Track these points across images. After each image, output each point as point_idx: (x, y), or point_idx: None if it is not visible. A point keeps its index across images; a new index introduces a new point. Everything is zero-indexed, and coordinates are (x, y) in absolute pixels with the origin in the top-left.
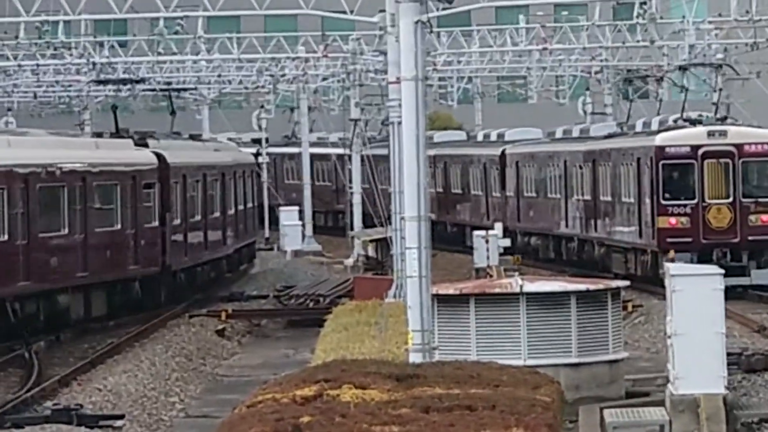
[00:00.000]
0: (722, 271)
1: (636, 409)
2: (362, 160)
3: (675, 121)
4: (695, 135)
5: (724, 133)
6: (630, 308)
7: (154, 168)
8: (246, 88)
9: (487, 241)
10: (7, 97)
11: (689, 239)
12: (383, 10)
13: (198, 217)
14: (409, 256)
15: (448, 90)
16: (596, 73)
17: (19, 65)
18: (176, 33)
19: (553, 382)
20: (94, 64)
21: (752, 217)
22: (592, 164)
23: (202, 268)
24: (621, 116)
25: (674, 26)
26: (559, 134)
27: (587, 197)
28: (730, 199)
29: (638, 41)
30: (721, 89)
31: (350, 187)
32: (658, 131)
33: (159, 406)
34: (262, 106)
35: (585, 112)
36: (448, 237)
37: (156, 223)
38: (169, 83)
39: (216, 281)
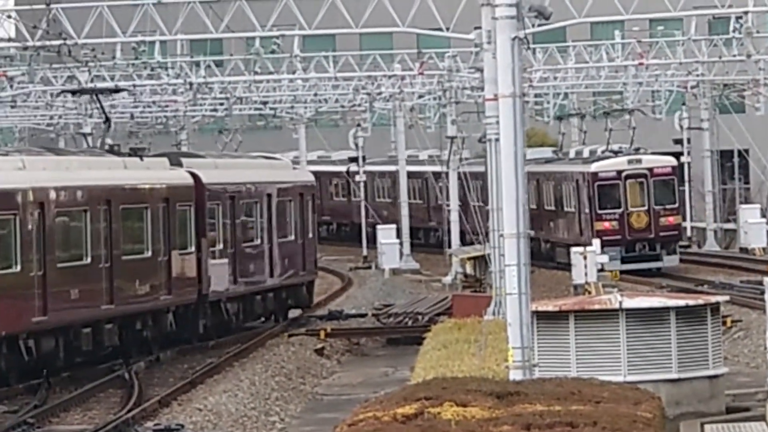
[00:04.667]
0: None
1: (736, 424)
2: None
3: (603, 152)
4: (619, 163)
5: (639, 161)
6: (729, 323)
7: None
8: (342, 106)
9: (585, 258)
10: None
11: (619, 237)
12: (479, 27)
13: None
14: (509, 273)
15: (544, 106)
16: (692, 87)
17: (117, 86)
18: (272, 52)
19: (653, 397)
20: (190, 84)
21: (662, 219)
22: (536, 182)
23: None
24: (717, 130)
25: None
26: None
27: (533, 206)
28: (646, 207)
29: (734, 55)
30: (635, 128)
31: (447, 205)
32: (593, 160)
33: (259, 425)
34: (359, 125)
35: (681, 127)
36: None
37: None
38: (265, 101)
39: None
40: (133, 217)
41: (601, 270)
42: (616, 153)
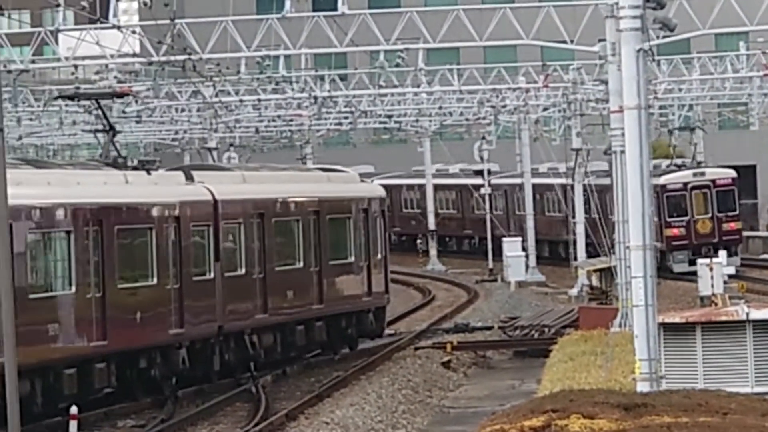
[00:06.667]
0: None
1: None
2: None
3: (667, 166)
4: (685, 176)
5: (703, 173)
6: None
7: None
8: (467, 119)
9: (711, 269)
10: (229, 132)
11: (686, 242)
12: (604, 39)
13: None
14: (635, 285)
15: (668, 118)
16: None
17: (241, 100)
18: (397, 65)
19: None
20: (315, 98)
21: (724, 225)
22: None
23: None
24: None
25: None
26: (543, 169)
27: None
28: (710, 215)
29: None
30: (696, 143)
31: (573, 217)
32: (660, 174)
33: None
34: (483, 137)
35: None
36: None
37: None
38: (390, 115)
39: None
40: (132, 239)
41: (728, 281)
42: (680, 167)
